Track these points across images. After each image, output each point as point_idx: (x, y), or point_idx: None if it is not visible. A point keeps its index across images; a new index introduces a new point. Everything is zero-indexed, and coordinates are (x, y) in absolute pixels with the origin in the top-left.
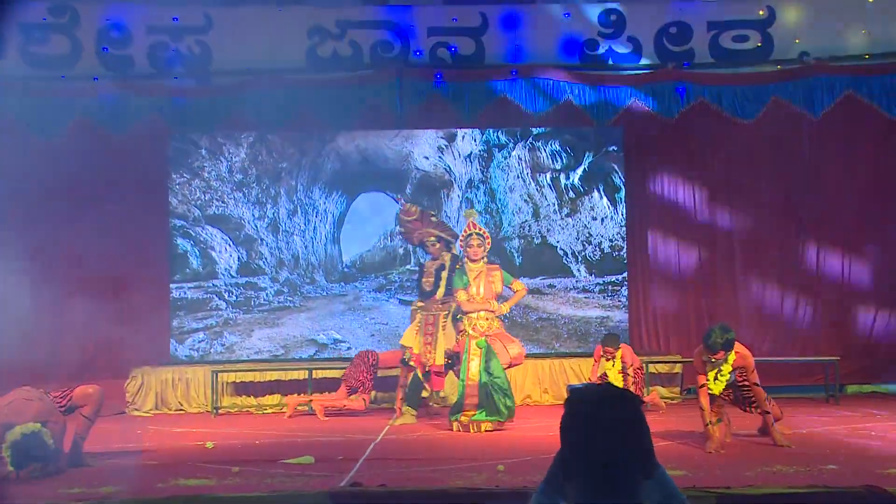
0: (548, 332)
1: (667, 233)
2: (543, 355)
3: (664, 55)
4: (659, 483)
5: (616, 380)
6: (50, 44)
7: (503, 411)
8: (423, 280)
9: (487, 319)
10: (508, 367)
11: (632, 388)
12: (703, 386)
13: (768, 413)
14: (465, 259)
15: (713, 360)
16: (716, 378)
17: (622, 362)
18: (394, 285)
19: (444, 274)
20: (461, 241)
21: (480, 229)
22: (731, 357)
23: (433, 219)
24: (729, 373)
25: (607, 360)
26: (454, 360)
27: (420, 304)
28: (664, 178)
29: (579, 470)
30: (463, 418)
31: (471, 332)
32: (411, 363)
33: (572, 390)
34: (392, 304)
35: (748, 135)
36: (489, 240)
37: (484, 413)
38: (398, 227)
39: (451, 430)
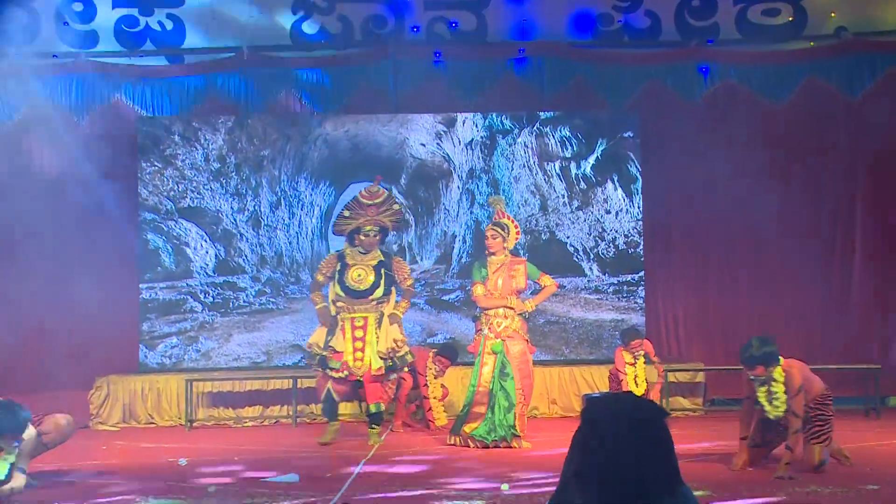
0: (556, 337)
1: (689, 227)
2: (551, 363)
3: (686, 31)
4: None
5: (640, 389)
6: (3, 16)
7: (500, 431)
8: (349, 275)
9: (507, 317)
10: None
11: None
12: (748, 398)
13: (790, 450)
14: (487, 251)
15: (752, 377)
16: (770, 399)
17: (648, 357)
18: None
19: (385, 272)
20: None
21: (506, 218)
22: (779, 374)
23: (395, 206)
24: (783, 393)
25: (633, 356)
26: (396, 364)
27: (341, 304)
28: (685, 168)
29: (595, 490)
30: (466, 428)
31: (487, 331)
32: (332, 373)
33: (588, 400)
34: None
35: (779, 119)
36: (515, 231)
37: (485, 428)
38: (344, 211)
39: (449, 442)
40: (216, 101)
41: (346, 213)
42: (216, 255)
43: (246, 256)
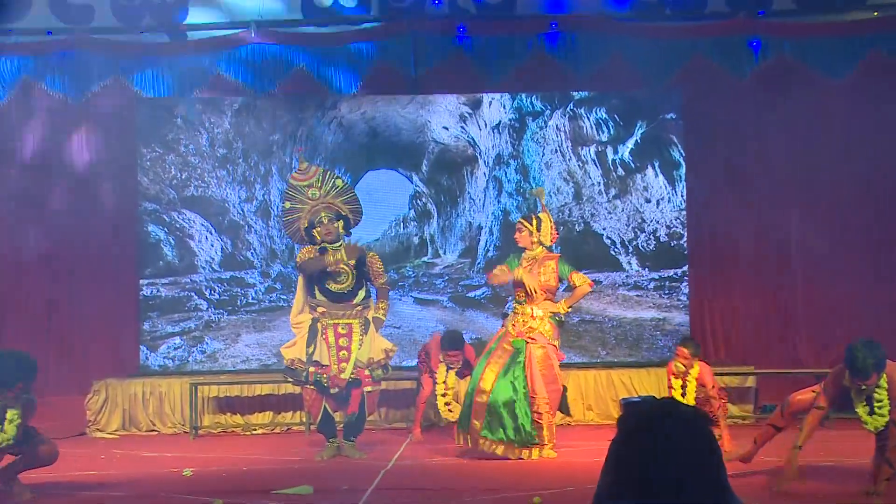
0: (592, 338)
1: (737, 217)
2: (586, 365)
3: (734, 2)
4: None
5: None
6: None
7: (510, 434)
8: (331, 278)
9: (535, 318)
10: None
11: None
12: (820, 408)
13: (891, 466)
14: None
15: (863, 387)
16: (872, 410)
17: (698, 383)
18: (408, 281)
19: (365, 271)
20: None
21: (543, 212)
22: (883, 381)
23: (338, 182)
24: (888, 400)
25: (683, 366)
26: (383, 370)
27: (321, 309)
28: (734, 152)
29: None
30: (476, 423)
31: (510, 328)
32: (324, 382)
33: (627, 405)
34: (406, 304)
35: (839, 98)
36: (549, 226)
37: (488, 431)
38: (284, 203)
39: (458, 444)
40: (222, 81)
41: (288, 205)
42: (222, 249)
43: (255, 250)
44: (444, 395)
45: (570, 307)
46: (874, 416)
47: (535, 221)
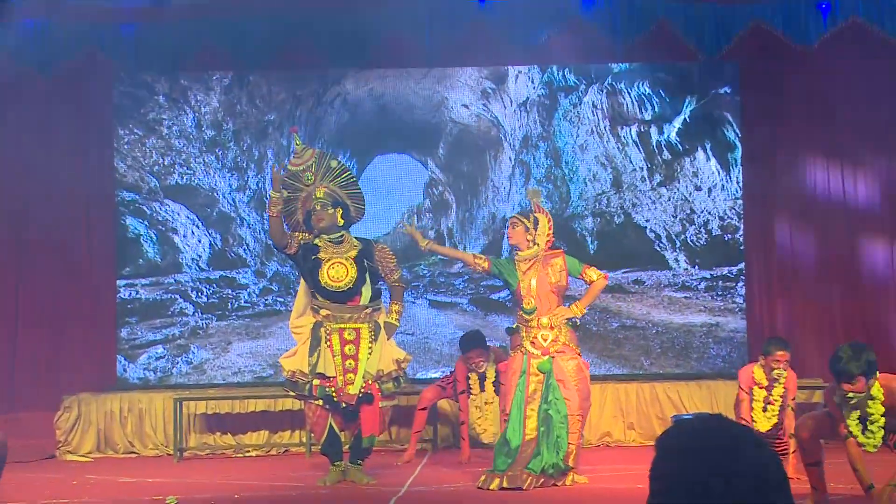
0: (633, 346)
1: (802, 208)
2: (627, 378)
3: None
4: None
5: (769, 420)
6: None
7: (550, 463)
8: (324, 272)
9: (553, 328)
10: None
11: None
12: (847, 437)
13: None
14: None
15: (848, 393)
16: (864, 427)
17: (784, 390)
18: (422, 281)
19: (367, 265)
20: None
21: (541, 213)
22: (877, 391)
23: (332, 164)
24: (882, 415)
25: (783, 370)
26: (395, 383)
27: (325, 312)
28: (798, 132)
29: None
30: (519, 469)
31: (530, 347)
32: (332, 397)
33: (678, 423)
34: (420, 307)
35: None
36: (547, 229)
37: (532, 466)
38: (282, 192)
39: (484, 487)
40: (210, 52)
41: (285, 194)
42: (211, 245)
43: (248, 246)
44: (478, 409)
45: (586, 308)
46: (867, 432)
47: (532, 219)
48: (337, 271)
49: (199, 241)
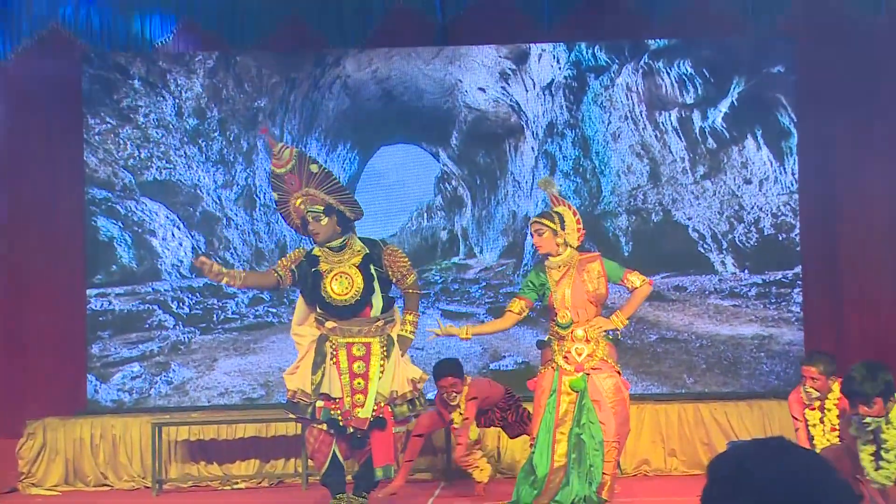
0: (675, 361)
1: (870, 201)
2: (668, 397)
3: None
4: None
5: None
6: None
7: (580, 496)
8: (327, 286)
9: (589, 341)
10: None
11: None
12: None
13: None
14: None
15: (865, 418)
16: (878, 455)
17: (839, 410)
18: (434, 288)
19: (375, 271)
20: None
21: (562, 205)
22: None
23: (313, 168)
24: None
25: (816, 391)
26: (410, 406)
27: (331, 324)
28: (863, 115)
29: None
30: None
31: (562, 363)
32: (337, 421)
33: (733, 447)
34: (432, 318)
35: None
36: (574, 222)
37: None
38: (273, 194)
39: None
40: (192, 30)
41: (276, 196)
42: (194, 249)
43: (235, 250)
44: (461, 447)
45: (628, 318)
46: (882, 466)
47: (556, 218)
48: (341, 284)
49: (181, 245)
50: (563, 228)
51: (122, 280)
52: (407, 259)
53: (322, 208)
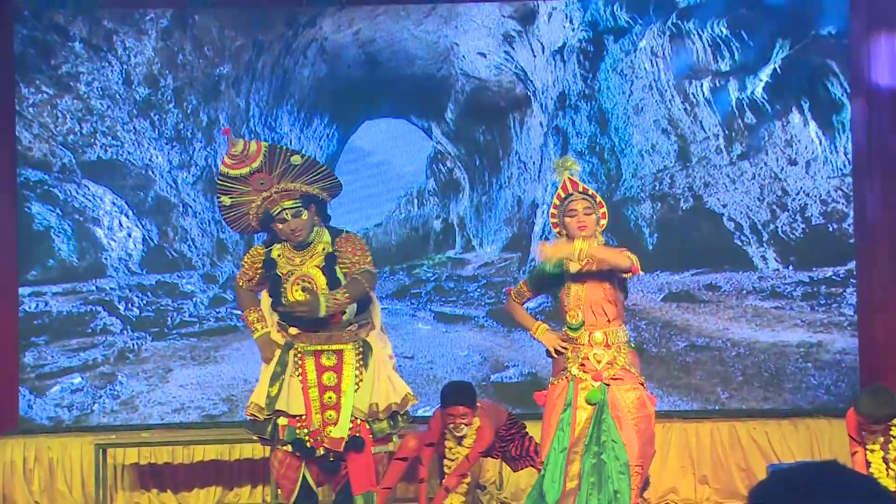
0: (706, 373)
1: None
2: (698, 415)
3: None
4: None
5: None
6: None
7: None
8: (287, 292)
9: (610, 346)
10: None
11: None
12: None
13: None
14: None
15: (878, 439)
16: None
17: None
18: (426, 287)
19: (342, 270)
20: (556, 209)
21: (585, 189)
22: None
23: (295, 160)
24: None
25: (872, 433)
26: (391, 423)
27: (295, 330)
28: None
29: None
30: None
31: (577, 371)
32: (304, 442)
33: (776, 473)
34: (423, 322)
35: None
36: (603, 206)
37: None
38: (221, 199)
39: None
40: None
41: (227, 200)
42: (145, 240)
43: (193, 241)
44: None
45: (596, 260)
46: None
47: (594, 200)
48: (304, 288)
49: (129, 236)
50: (598, 214)
51: (60, 277)
52: (364, 246)
53: (300, 202)
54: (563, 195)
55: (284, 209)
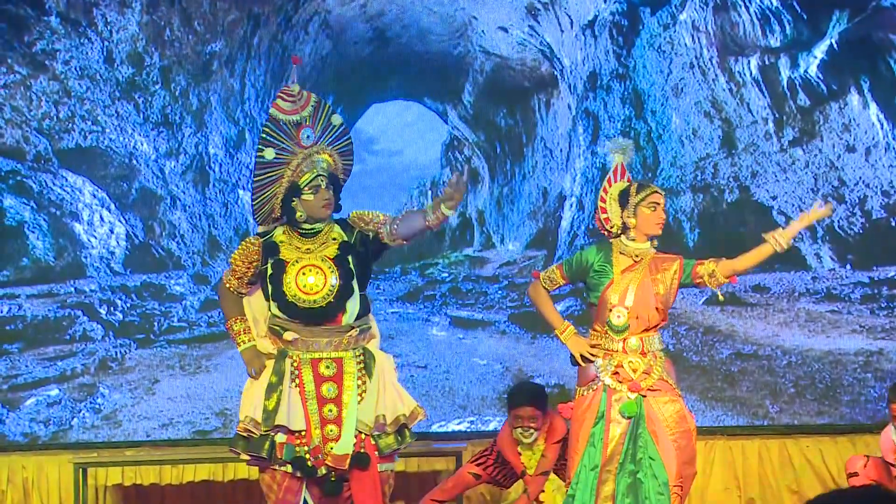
0: (754, 384)
1: None
2: (745, 431)
3: None
4: None
5: None
6: None
7: None
8: (291, 281)
9: (646, 354)
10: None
11: None
12: None
13: None
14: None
15: None
16: None
17: None
18: (441, 288)
19: (355, 262)
20: (604, 203)
21: (622, 177)
22: None
23: (335, 121)
24: None
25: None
26: (398, 437)
27: (290, 335)
28: None
29: None
30: None
31: (611, 381)
32: (305, 461)
33: (831, 498)
34: (437, 327)
35: None
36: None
37: None
38: (261, 153)
39: None
40: None
41: (271, 154)
42: (128, 236)
43: (182, 238)
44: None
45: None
46: None
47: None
48: (312, 279)
49: (112, 232)
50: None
51: (35, 277)
52: (377, 212)
53: (329, 175)
54: (621, 183)
55: (320, 175)
